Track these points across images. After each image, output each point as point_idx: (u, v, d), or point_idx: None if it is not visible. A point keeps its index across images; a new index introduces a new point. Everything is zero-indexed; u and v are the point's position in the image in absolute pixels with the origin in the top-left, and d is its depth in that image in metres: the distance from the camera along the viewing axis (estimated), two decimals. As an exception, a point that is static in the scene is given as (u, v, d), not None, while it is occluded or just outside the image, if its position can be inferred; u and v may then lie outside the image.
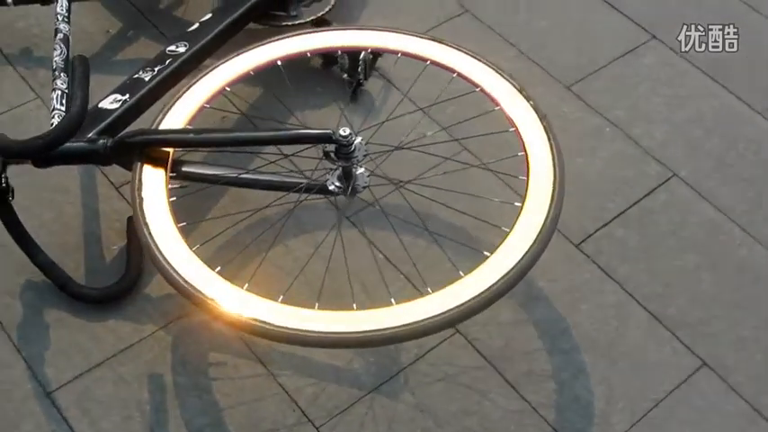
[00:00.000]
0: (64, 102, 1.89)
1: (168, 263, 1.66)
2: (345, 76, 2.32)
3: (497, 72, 1.96)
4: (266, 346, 1.89)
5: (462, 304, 1.60)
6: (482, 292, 1.61)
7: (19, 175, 1.90)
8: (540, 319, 2.01)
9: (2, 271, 1.99)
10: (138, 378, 1.86)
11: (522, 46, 2.52)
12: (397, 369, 1.90)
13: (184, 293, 1.64)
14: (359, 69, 2.27)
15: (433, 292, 1.63)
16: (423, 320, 1.58)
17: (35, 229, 2.01)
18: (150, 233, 1.70)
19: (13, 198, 1.85)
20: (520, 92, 1.92)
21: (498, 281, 1.62)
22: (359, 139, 1.79)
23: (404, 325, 1.58)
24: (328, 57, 2.34)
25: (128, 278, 1.95)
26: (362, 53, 2.22)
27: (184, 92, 1.95)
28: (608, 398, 1.89)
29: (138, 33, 2.48)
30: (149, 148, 1.82)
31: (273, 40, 2.03)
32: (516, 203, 1.76)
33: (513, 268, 1.64)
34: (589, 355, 1.95)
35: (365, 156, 1.81)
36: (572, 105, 2.40)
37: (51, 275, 1.93)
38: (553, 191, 1.76)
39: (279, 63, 2.01)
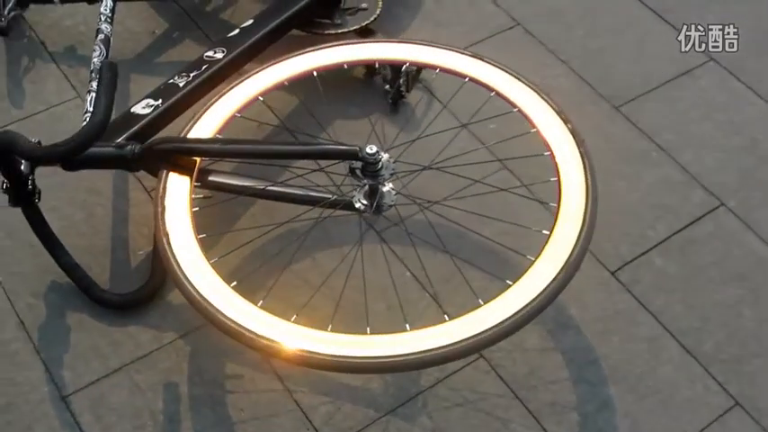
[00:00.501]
0: (98, 104, 1.90)
1: (184, 275, 1.65)
2: (387, 87, 2.28)
3: (537, 92, 1.91)
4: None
5: (469, 338, 1.55)
6: (494, 326, 1.56)
7: (51, 175, 1.90)
8: (568, 347, 1.95)
9: (29, 271, 1.99)
10: (153, 387, 1.85)
11: (573, 63, 2.45)
12: (416, 391, 1.86)
13: (196, 306, 1.62)
14: (401, 81, 2.23)
15: (449, 319, 1.59)
16: (432, 349, 1.54)
17: (64, 229, 2.02)
18: (169, 243, 1.69)
19: (39, 200, 1.86)
20: (558, 114, 1.87)
21: (512, 315, 1.57)
22: (386, 157, 1.76)
23: (419, 352, 1.54)
24: (371, 67, 2.30)
25: (150, 285, 1.94)
26: (405, 65, 2.18)
27: (217, 99, 1.94)
28: (632, 434, 1.84)
29: (183, 35, 2.47)
30: (176, 157, 1.81)
31: (310, 51, 2.01)
32: (545, 231, 1.71)
33: (532, 301, 1.59)
34: (616, 388, 1.89)
35: (392, 174, 1.77)
36: (620, 126, 2.33)
37: (75, 278, 1.93)
38: (583, 222, 1.70)
39: (315, 74, 1.98)
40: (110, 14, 2.14)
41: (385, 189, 1.80)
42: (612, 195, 2.18)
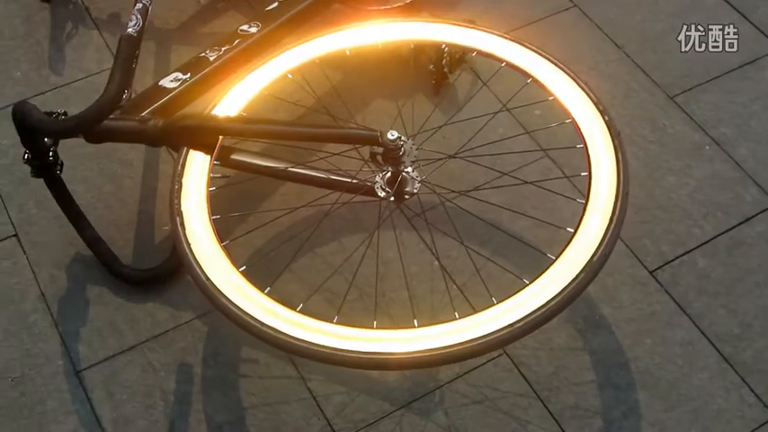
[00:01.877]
0: (126, 77, 1.88)
1: (193, 256, 1.61)
2: (431, 67, 2.20)
3: (575, 81, 1.81)
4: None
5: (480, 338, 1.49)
6: (504, 328, 1.49)
7: (84, 145, 1.86)
8: (596, 348, 1.86)
9: (54, 242, 1.98)
10: (166, 366, 1.83)
11: (628, 48, 2.34)
12: (433, 386, 1.80)
13: (201, 289, 1.58)
14: (443, 62, 2.16)
15: (459, 317, 1.53)
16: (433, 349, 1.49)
17: (93, 201, 2.01)
18: (182, 223, 1.65)
19: (61, 171, 1.83)
20: (596, 105, 1.78)
21: (526, 317, 1.50)
22: (409, 144, 1.69)
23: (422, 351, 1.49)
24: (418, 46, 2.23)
25: (171, 262, 1.91)
26: (444, 46, 2.10)
27: (246, 75, 1.89)
28: (659, 444, 1.76)
29: (228, 5, 2.42)
30: (197, 134, 1.77)
31: (343, 29, 1.94)
32: (569, 229, 1.62)
33: (548, 302, 1.52)
34: (645, 393, 1.81)
35: (413, 162, 1.71)
36: (673, 117, 2.21)
37: (97, 251, 1.92)
38: (610, 222, 1.61)
39: (348, 53, 1.92)
40: (151, -17, 2.11)
41: (409, 176, 1.74)
42: (659, 190, 2.08)
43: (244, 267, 1.61)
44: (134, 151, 2.10)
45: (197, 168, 1.74)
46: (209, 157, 1.76)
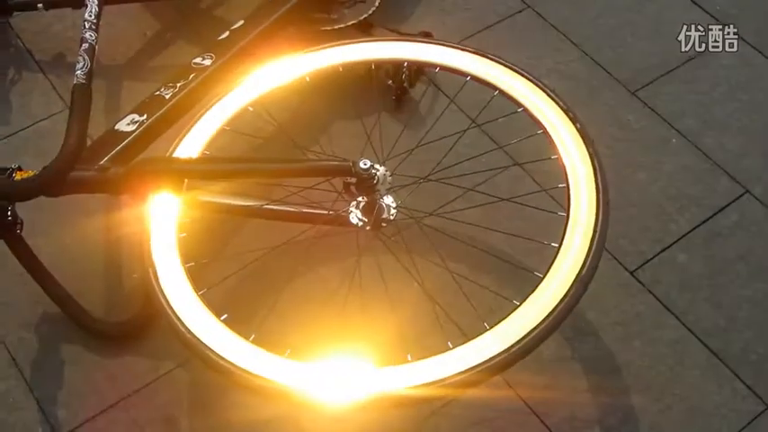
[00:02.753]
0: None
1: (171, 309, 1.56)
2: (390, 82, 2.16)
3: (543, 90, 1.78)
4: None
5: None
6: (496, 355, 1.46)
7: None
8: (586, 356, 1.84)
9: (20, 301, 1.91)
10: (152, 422, 1.76)
11: (586, 46, 2.32)
12: (427, 412, 1.77)
13: (185, 344, 1.53)
14: (402, 76, 2.12)
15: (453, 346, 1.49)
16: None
17: (56, 254, 1.93)
18: (156, 275, 1.60)
19: (21, 230, 1.76)
20: (566, 113, 1.75)
21: (519, 341, 1.47)
22: (382, 171, 1.65)
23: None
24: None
25: (146, 312, 1.85)
26: (406, 63, 2.06)
27: (205, 111, 1.84)
28: (658, 448, 1.74)
29: (176, 36, 2.36)
30: (160, 179, 1.71)
31: (300, 54, 1.90)
32: (553, 244, 1.60)
33: (540, 324, 1.49)
34: (640, 397, 1.79)
35: (388, 190, 1.67)
36: (637, 113, 2.20)
37: (66, 309, 1.85)
38: (593, 234, 1.58)
39: (307, 79, 1.88)
40: (95, 21, 2.01)
41: (384, 203, 1.70)
42: (631, 188, 2.06)
43: (225, 316, 1.56)
44: (94, 198, 2.01)
45: (164, 214, 1.69)
46: (175, 201, 1.70)
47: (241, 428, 1.76)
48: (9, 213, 1.72)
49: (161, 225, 1.67)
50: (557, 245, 1.59)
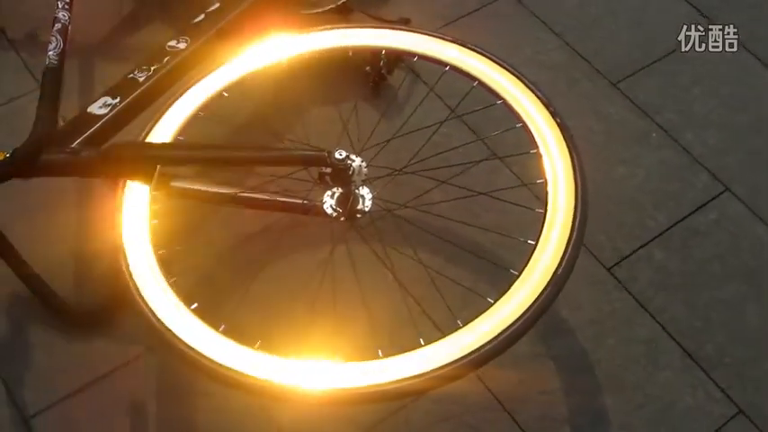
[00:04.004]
0: (49, 106, 1.78)
1: (141, 296, 1.53)
2: (368, 68, 2.13)
3: (523, 82, 1.76)
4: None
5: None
6: (468, 354, 1.44)
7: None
8: (559, 353, 1.83)
9: (-10, 282, 1.88)
10: (119, 406, 1.74)
11: (567, 36, 2.29)
12: (397, 406, 1.75)
13: (155, 332, 1.50)
14: (380, 63, 2.09)
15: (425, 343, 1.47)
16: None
17: (26, 235, 1.88)
18: (126, 261, 1.57)
19: (-9, 210, 1.74)
20: (546, 107, 1.72)
21: (491, 340, 1.45)
22: (357, 161, 1.62)
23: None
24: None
25: (116, 297, 1.82)
26: (383, 51, 2.03)
27: (179, 96, 1.80)
28: (629, 448, 1.73)
29: (151, 15, 2.31)
30: (133, 163, 1.68)
31: (275, 39, 1.86)
32: (530, 241, 1.57)
33: (513, 323, 1.47)
34: (611, 397, 1.78)
35: (364, 181, 1.64)
36: (618, 105, 2.18)
37: (35, 290, 1.82)
38: (571, 232, 1.56)
39: (284, 64, 1.84)
40: (68, 0, 1.99)
41: (359, 193, 1.68)
42: (609, 182, 2.05)
43: (195, 305, 1.53)
44: (70, 180, 1.98)
45: (136, 200, 1.66)
46: (147, 186, 1.67)
47: (209, 416, 1.74)
48: (-22, 194, 1.69)
49: (132, 211, 1.64)
50: (533, 242, 1.57)
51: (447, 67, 1.81)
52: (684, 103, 2.18)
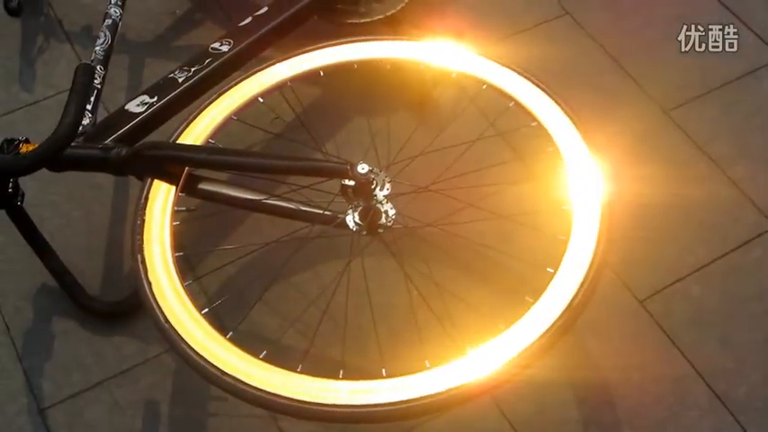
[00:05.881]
0: (92, 101, 1.80)
1: (152, 297, 1.54)
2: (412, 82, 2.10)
3: (561, 107, 1.72)
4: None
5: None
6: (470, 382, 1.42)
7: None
8: (581, 383, 1.78)
9: (21, 270, 1.91)
10: (133, 404, 1.76)
11: (623, 60, 2.23)
12: (408, 426, 1.73)
13: (160, 330, 1.51)
14: (428, 78, 2.06)
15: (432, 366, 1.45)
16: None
17: (60, 227, 1.94)
18: (143, 261, 1.58)
19: (23, 202, 1.75)
20: (583, 135, 1.67)
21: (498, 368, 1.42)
22: (382, 176, 1.61)
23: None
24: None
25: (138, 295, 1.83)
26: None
27: (215, 99, 1.81)
28: (645, 490, 1.68)
29: (205, 16, 2.33)
30: (161, 164, 1.69)
31: (317, 48, 1.85)
32: (549, 269, 1.54)
33: (521, 353, 1.44)
34: (632, 434, 1.73)
35: (386, 197, 1.62)
36: (668, 133, 2.11)
37: (62, 283, 1.85)
38: (591, 266, 1.52)
39: (321, 74, 1.84)
40: (122, -3, 2.02)
41: (382, 208, 1.66)
42: (649, 211, 1.98)
43: (206, 310, 1.54)
44: (103, 174, 2.01)
45: (161, 200, 1.66)
46: (173, 187, 1.68)
47: (220, 421, 1.74)
48: (11, 185, 1.72)
49: (156, 211, 1.65)
50: (552, 270, 1.53)
51: (484, 86, 1.78)
52: (738, 135, 2.11)
